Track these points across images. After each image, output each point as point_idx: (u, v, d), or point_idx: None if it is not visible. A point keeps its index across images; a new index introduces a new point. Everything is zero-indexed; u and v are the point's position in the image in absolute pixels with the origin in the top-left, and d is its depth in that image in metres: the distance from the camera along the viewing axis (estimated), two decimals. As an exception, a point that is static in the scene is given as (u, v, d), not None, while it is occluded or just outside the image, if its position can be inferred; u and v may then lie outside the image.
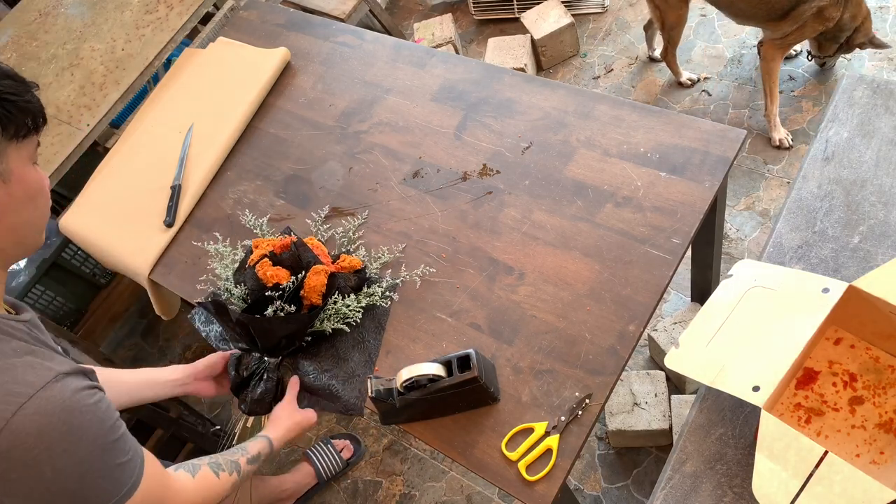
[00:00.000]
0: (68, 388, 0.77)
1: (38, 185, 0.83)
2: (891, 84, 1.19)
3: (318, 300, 1.19)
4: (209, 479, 0.99)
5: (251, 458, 1.09)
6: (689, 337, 0.95)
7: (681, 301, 1.96)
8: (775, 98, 2.04)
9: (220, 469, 1.01)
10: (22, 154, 0.80)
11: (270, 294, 1.18)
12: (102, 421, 0.79)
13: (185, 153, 1.64)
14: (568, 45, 2.56)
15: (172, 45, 1.94)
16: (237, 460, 1.06)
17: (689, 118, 1.31)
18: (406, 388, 1.08)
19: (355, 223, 1.40)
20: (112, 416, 0.81)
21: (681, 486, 0.93)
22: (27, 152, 0.81)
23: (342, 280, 1.22)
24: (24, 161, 0.80)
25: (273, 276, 1.19)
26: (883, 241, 1.04)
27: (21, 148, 0.79)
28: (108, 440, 0.79)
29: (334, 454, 1.93)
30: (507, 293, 1.23)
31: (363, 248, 1.36)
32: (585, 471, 1.78)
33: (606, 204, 1.26)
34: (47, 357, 0.80)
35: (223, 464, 1.03)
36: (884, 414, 0.90)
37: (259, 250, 1.24)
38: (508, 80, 1.50)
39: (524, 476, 1.05)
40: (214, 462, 1.02)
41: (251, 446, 1.11)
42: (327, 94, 1.65)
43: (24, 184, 0.80)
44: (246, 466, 1.07)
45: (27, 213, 0.82)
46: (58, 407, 0.75)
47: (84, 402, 0.77)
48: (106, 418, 0.80)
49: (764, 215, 2.02)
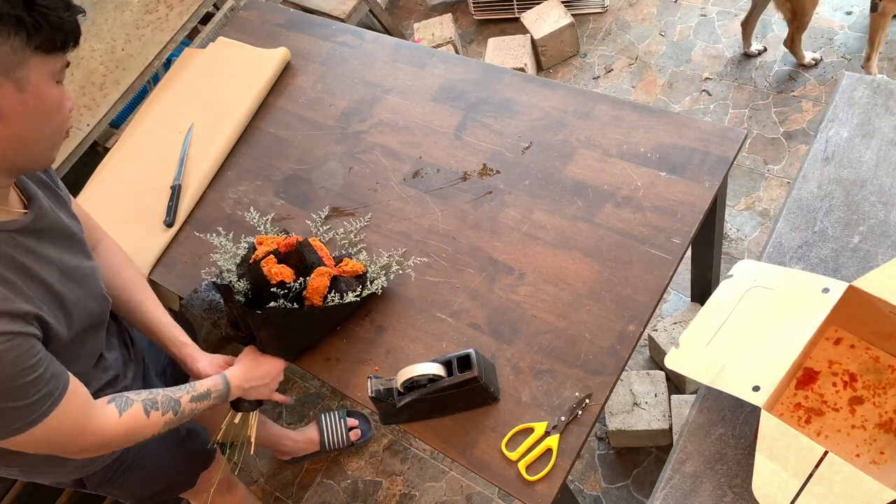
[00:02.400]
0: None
1: (55, 103, 0.84)
2: (891, 84, 1.19)
3: (318, 301, 1.19)
4: (138, 418, 1.00)
5: (197, 395, 1.09)
6: (689, 337, 0.95)
7: (681, 301, 1.96)
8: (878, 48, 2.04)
9: (153, 407, 1.02)
10: (45, 68, 0.81)
11: (275, 291, 1.17)
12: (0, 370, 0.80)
13: (185, 153, 1.64)
14: (568, 45, 2.56)
15: (172, 45, 1.94)
16: (179, 398, 1.06)
17: (689, 118, 1.31)
18: (406, 388, 1.08)
19: (357, 225, 1.40)
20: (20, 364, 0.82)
21: (681, 486, 0.93)
22: (51, 68, 0.81)
23: (344, 284, 1.22)
24: (46, 76, 0.81)
25: (278, 274, 1.19)
26: (883, 241, 1.04)
27: (46, 62, 0.80)
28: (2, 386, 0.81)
29: (344, 430, 1.94)
30: (507, 293, 1.23)
31: (364, 252, 1.35)
32: (585, 471, 1.78)
33: (606, 204, 1.26)
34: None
35: (160, 401, 1.03)
36: (884, 414, 0.90)
37: (263, 247, 1.24)
38: (508, 80, 1.50)
39: (524, 476, 1.05)
40: (150, 399, 1.03)
41: (201, 384, 1.11)
42: (327, 94, 1.65)
43: (41, 98, 0.81)
44: (188, 404, 1.07)
45: (38, 126, 0.83)
46: None
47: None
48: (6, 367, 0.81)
49: (764, 215, 2.02)
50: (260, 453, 2.05)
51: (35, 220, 0.93)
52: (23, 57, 0.78)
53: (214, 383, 1.13)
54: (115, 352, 1.15)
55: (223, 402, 1.15)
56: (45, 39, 0.79)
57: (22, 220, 0.91)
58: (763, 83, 2.27)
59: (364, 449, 2.00)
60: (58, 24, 0.79)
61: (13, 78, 0.78)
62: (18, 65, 0.78)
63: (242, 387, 1.17)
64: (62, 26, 0.80)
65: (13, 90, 0.79)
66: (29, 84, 0.80)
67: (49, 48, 0.80)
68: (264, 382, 1.21)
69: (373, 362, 1.23)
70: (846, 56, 2.22)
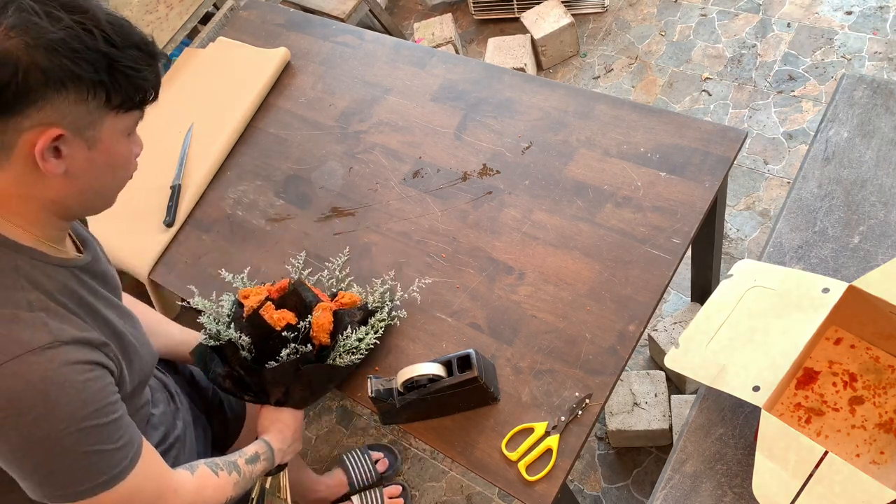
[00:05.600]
0: (59, 357, 0.73)
1: (124, 159, 0.81)
2: (891, 84, 1.19)
3: (326, 339, 1.14)
4: (208, 478, 0.97)
5: (249, 458, 1.06)
6: (689, 337, 0.95)
7: (681, 301, 1.96)
8: None
9: (218, 468, 0.99)
10: (118, 125, 0.77)
11: (286, 335, 1.11)
12: (86, 402, 0.75)
13: (185, 153, 1.64)
14: (568, 45, 2.56)
15: (172, 45, 1.95)
16: (234, 461, 1.04)
17: (689, 118, 1.31)
18: (406, 388, 1.08)
19: (339, 261, 1.35)
20: (103, 398, 0.77)
21: (681, 486, 0.93)
22: (124, 124, 0.78)
23: (347, 316, 1.17)
24: (118, 132, 0.78)
25: (281, 319, 1.12)
26: (883, 241, 1.04)
27: (121, 120, 0.77)
28: (87, 423, 0.75)
29: (370, 465, 1.86)
30: (507, 293, 1.23)
31: (355, 285, 1.32)
32: (585, 471, 1.78)
33: (606, 204, 1.26)
34: (61, 318, 0.76)
35: (221, 464, 1.01)
36: (884, 414, 0.90)
37: (253, 297, 1.17)
38: (508, 80, 1.50)
39: (524, 476, 1.05)
40: (212, 462, 1.00)
41: (248, 448, 1.08)
42: (327, 94, 1.65)
43: (110, 154, 0.78)
44: (245, 467, 1.04)
45: (102, 180, 0.80)
46: (39, 375, 0.72)
47: (70, 378, 0.74)
48: (93, 400, 0.76)
49: (764, 215, 2.02)
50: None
51: (92, 262, 0.90)
52: (97, 116, 0.74)
53: (260, 447, 1.09)
54: (162, 405, 1.10)
55: (270, 467, 1.10)
56: (124, 99, 0.75)
57: (80, 260, 0.87)
58: (763, 83, 2.27)
59: (364, 449, 2.00)
60: (140, 85, 0.76)
61: (85, 137, 0.74)
62: (92, 124, 0.74)
63: (283, 450, 1.13)
64: (144, 86, 0.76)
65: (82, 148, 0.75)
66: (99, 142, 0.76)
67: (128, 107, 0.77)
68: (296, 438, 1.17)
69: (373, 362, 1.23)
70: (846, 56, 2.22)
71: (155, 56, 0.77)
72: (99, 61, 0.71)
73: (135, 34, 0.75)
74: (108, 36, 0.71)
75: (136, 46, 0.74)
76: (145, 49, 0.75)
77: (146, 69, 0.76)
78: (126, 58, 0.73)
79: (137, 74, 0.74)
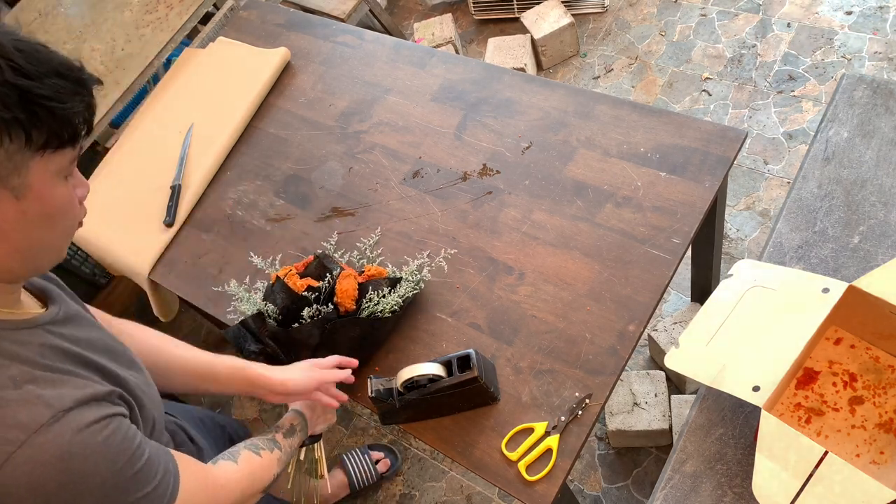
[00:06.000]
0: (69, 427, 0.65)
1: (61, 204, 0.69)
2: (891, 84, 1.19)
3: (351, 305, 1.16)
4: (253, 460, 0.95)
5: (286, 431, 1.05)
6: (689, 337, 0.95)
7: (681, 301, 1.96)
8: None
9: (259, 449, 0.98)
10: (49, 168, 0.66)
11: (306, 296, 1.15)
12: (114, 459, 0.68)
13: (185, 153, 1.64)
14: (568, 45, 2.56)
15: (172, 45, 1.94)
16: (272, 437, 1.03)
17: (689, 118, 1.31)
18: (406, 388, 1.08)
19: (370, 241, 1.37)
20: (129, 446, 0.70)
21: (681, 486, 0.93)
22: (57, 165, 0.67)
23: (373, 286, 1.19)
24: (51, 176, 0.67)
25: (303, 284, 1.17)
26: (883, 241, 1.04)
27: (51, 161, 0.66)
28: (122, 477, 0.69)
29: (370, 465, 1.86)
30: (507, 293, 1.23)
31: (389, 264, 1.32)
32: (585, 471, 1.78)
33: (606, 204, 1.26)
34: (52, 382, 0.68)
35: (261, 443, 0.99)
36: (884, 414, 0.90)
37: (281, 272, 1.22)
38: (508, 80, 1.50)
39: (524, 476, 1.05)
40: (251, 444, 0.98)
41: (282, 421, 1.07)
42: (327, 94, 1.65)
43: (44, 202, 0.67)
44: (284, 441, 1.03)
45: (41, 233, 0.69)
46: (54, 454, 0.64)
47: (88, 443, 0.66)
48: (120, 453, 0.69)
49: (764, 215, 2.02)
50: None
51: (61, 311, 0.78)
52: (20, 161, 0.63)
53: (294, 418, 1.08)
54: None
55: (305, 437, 1.10)
56: (50, 137, 0.64)
57: (49, 314, 0.76)
58: (763, 83, 2.27)
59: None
60: (65, 117, 0.65)
61: (10, 187, 0.63)
62: (15, 171, 0.63)
63: (313, 419, 1.12)
64: (70, 118, 0.65)
65: (9, 200, 0.64)
66: (29, 190, 0.65)
67: (56, 145, 0.65)
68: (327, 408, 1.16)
69: (373, 362, 1.23)
70: (846, 56, 2.22)
71: (82, 82, 0.67)
72: (9, 96, 0.61)
73: (54, 60, 0.65)
74: (19, 66, 0.61)
75: (58, 74, 0.64)
76: (69, 76, 0.65)
77: (72, 99, 0.65)
78: (44, 88, 0.63)
79: (62, 106, 0.64)
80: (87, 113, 0.68)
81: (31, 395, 0.65)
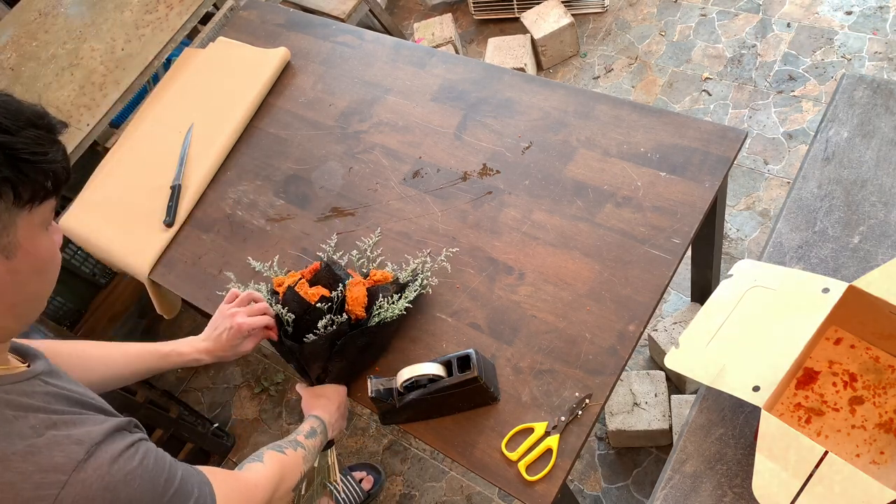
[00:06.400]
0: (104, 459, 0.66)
1: (48, 255, 0.69)
2: (891, 84, 1.19)
3: (361, 313, 1.16)
4: (279, 459, 0.97)
5: (307, 433, 1.07)
6: (689, 337, 0.95)
7: (681, 301, 1.96)
8: None
9: (282, 448, 1.00)
10: (35, 221, 0.65)
11: (320, 307, 1.14)
12: (153, 480, 0.69)
13: (185, 153, 1.64)
14: (568, 45, 2.56)
15: (172, 45, 1.94)
16: (294, 439, 1.04)
17: (689, 118, 1.31)
18: (406, 388, 1.08)
19: (371, 241, 1.37)
20: (163, 466, 0.72)
21: (681, 486, 0.93)
22: (41, 218, 0.66)
23: (381, 291, 1.19)
24: (36, 229, 0.66)
25: (315, 294, 1.16)
26: (883, 241, 1.04)
27: (35, 215, 0.65)
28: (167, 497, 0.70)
29: (354, 486, 1.86)
30: (507, 293, 1.23)
31: (389, 264, 1.33)
32: (585, 471, 1.78)
33: (606, 204, 1.26)
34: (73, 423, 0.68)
35: (284, 444, 1.01)
36: (884, 414, 0.90)
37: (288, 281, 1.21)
38: (508, 80, 1.50)
39: (524, 476, 1.05)
40: (274, 445, 1.00)
41: (302, 426, 1.09)
42: (327, 94, 1.65)
43: (34, 258, 0.66)
44: (306, 441, 1.05)
45: (32, 287, 0.69)
46: (98, 486, 0.64)
47: (127, 470, 0.67)
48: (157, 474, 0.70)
49: (764, 215, 2.02)
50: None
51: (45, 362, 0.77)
52: (8, 220, 0.62)
53: (313, 422, 1.09)
54: None
55: (325, 439, 1.11)
56: (36, 190, 0.63)
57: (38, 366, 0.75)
58: (763, 83, 2.27)
59: (364, 450, 2.00)
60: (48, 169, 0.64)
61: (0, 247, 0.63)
62: (4, 231, 0.62)
63: (332, 423, 1.13)
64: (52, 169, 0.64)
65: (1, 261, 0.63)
66: (18, 248, 0.64)
67: (42, 197, 0.65)
68: (341, 413, 1.18)
69: (373, 362, 1.23)
70: (846, 56, 2.22)
71: (53, 128, 0.66)
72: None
73: (25, 111, 0.64)
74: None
75: (32, 125, 0.63)
76: (42, 125, 0.64)
77: (51, 148, 0.64)
78: (24, 142, 0.61)
79: (43, 158, 0.63)
80: (64, 160, 0.67)
81: (59, 437, 0.65)
